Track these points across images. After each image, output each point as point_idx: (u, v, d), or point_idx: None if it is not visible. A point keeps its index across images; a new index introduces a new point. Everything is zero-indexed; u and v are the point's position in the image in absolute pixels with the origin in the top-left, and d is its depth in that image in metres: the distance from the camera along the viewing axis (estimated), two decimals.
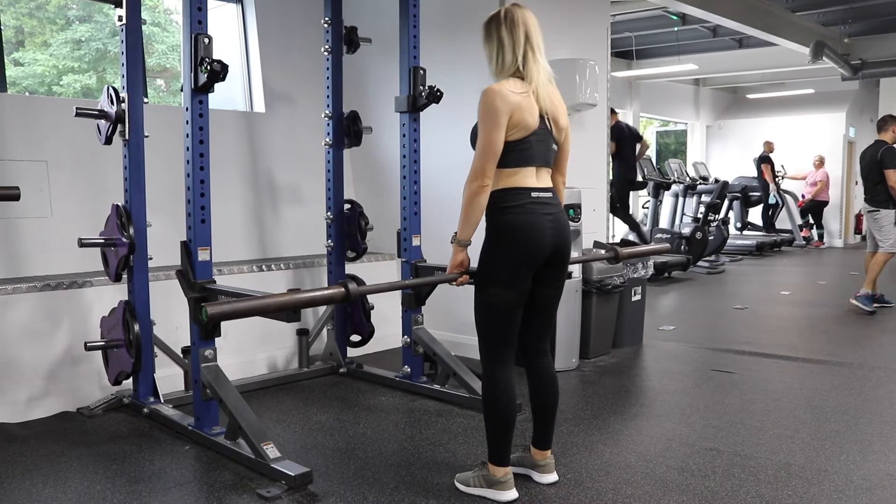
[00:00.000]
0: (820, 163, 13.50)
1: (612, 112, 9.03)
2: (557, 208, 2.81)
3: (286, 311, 2.55)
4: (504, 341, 2.79)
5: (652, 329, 5.90)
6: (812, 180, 13.56)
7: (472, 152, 2.74)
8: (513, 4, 2.84)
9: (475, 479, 2.86)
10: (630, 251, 3.62)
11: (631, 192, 10.09)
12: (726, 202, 11.73)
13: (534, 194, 2.73)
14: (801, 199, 13.74)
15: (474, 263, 2.83)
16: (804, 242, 13.58)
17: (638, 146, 9.55)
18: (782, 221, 13.73)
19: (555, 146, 2.85)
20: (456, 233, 2.79)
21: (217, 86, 3.29)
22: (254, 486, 2.95)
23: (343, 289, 2.53)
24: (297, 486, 2.92)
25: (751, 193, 13.37)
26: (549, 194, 2.79)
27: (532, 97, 2.72)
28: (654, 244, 9.42)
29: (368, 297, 4.73)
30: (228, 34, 5.65)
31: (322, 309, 4.94)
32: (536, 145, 2.75)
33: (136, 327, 3.73)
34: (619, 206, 9.22)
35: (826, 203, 13.70)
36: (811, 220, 13.87)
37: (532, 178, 2.75)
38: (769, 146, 13.40)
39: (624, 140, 9.16)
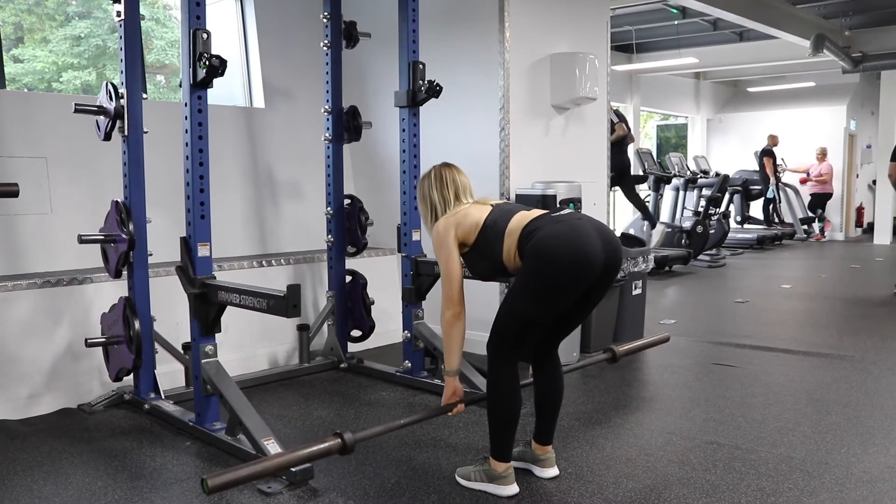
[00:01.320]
0: (822, 155, 13.45)
1: (620, 119, 9.08)
2: (588, 216, 2.81)
3: (285, 470, 2.56)
4: (518, 347, 2.79)
5: (653, 323, 5.90)
6: (816, 172, 13.47)
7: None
8: (443, 165, 3.04)
9: (476, 473, 2.87)
10: (627, 349, 3.53)
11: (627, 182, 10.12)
12: (727, 196, 11.72)
13: (553, 214, 2.77)
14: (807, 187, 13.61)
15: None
16: (805, 236, 13.57)
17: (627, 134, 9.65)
18: (783, 215, 13.72)
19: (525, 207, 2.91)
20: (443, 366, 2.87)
21: (216, 81, 3.28)
22: (255, 482, 2.95)
23: (339, 440, 2.48)
24: (297, 482, 2.92)
25: (751, 187, 13.36)
26: (569, 210, 2.79)
27: (471, 204, 2.91)
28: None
29: (369, 292, 4.75)
30: (227, 29, 5.64)
31: (322, 304, 4.95)
32: (504, 209, 2.85)
33: (137, 323, 3.73)
34: (627, 193, 9.35)
35: (831, 195, 13.65)
36: (821, 213, 13.75)
37: (533, 214, 2.78)
38: (773, 140, 13.37)
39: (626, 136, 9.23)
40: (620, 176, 9.31)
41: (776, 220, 13.53)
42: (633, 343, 3.70)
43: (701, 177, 10.67)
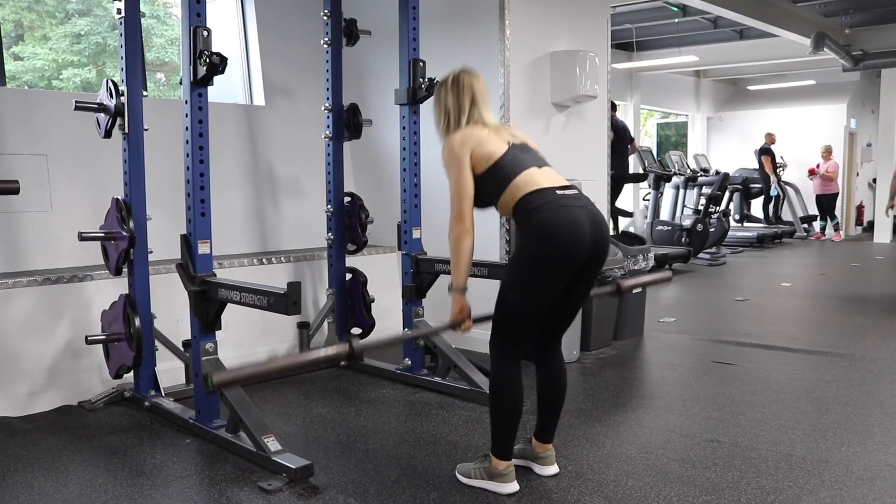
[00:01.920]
0: (828, 153, 13.35)
1: (613, 107, 9.08)
2: (589, 202, 2.76)
3: (291, 373, 2.55)
4: (518, 341, 2.78)
5: (653, 321, 5.90)
6: (824, 170, 13.33)
7: None
8: (461, 71, 2.95)
9: (476, 470, 2.87)
10: (632, 283, 3.52)
11: (623, 186, 10.14)
12: (727, 194, 11.72)
13: (559, 191, 2.69)
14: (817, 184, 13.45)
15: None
16: (805, 234, 13.56)
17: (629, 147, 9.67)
18: (783, 214, 13.71)
19: (538, 153, 2.86)
20: (450, 283, 2.81)
21: (216, 79, 3.28)
22: (255, 479, 2.96)
23: (348, 346, 2.48)
24: (298, 479, 2.92)
25: (751, 185, 13.35)
26: (574, 190, 2.74)
27: (489, 131, 2.80)
28: (653, 242, 9.47)
29: (369, 290, 4.75)
30: (227, 27, 5.63)
31: (323, 301, 4.95)
32: (518, 155, 2.77)
33: (137, 321, 3.73)
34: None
35: (837, 195, 13.60)
36: (836, 223, 13.59)
37: (541, 177, 2.72)
38: (771, 138, 13.35)
39: (618, 135, 9.20)
40: (617, 180, 9.35)
41: (775, 218, 13.51)
42: (637, 279, 3.72)
43: (701, 175, 10.67)
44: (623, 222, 10.17)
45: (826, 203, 13.45)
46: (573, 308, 2.89)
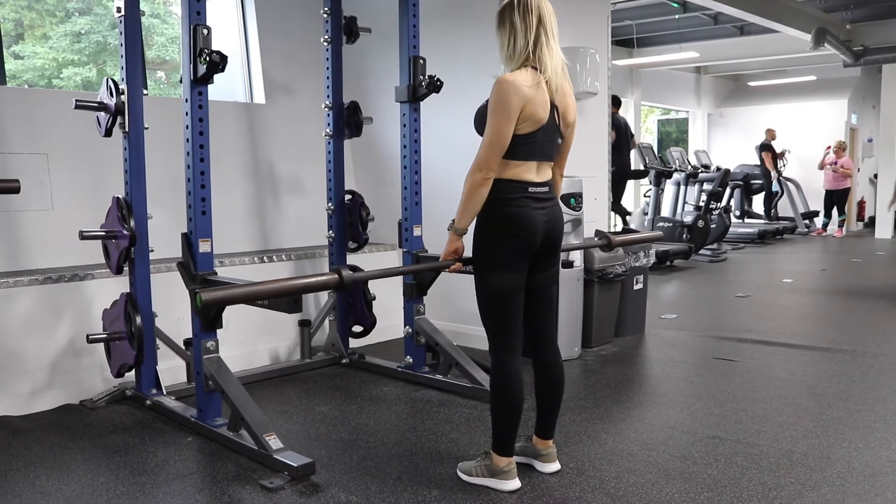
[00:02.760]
0: (841, 149, 13.27)
1: (614, 103, 9.07)
2: (552, 202, 2.83)
3: (279, 297, 2.58)
4: (508, 328, 2.79)
5: (654, 318, 5.90)
6: (839, 165, 13.14)
7: (473, 140, 2.74)
8: None
9: (478, 468, 2.87)
10: (623, 239, 3.62)
11: (625, 183, 10.14)
12: (728, 190, 11.71)
13: (531, 189, 2.74)
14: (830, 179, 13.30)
15: (468, 251, 2.84)
16: (806, 230, 13.55)
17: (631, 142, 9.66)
18: (784, 209, 13.69)
19: (560, 140, 2.88)
20: (453, 220, 2.78)
21: (217, 77, 3.28)
22: (257, 477, 2.96)
23: (336, 275, 2.55)
24: (299, 477, 2.93)
25: (752, 181, 13.34)
26: (546, 189, 2.79)
27: (544, 89, 2.71)
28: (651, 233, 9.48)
29: (370, 287, 4.74)
30: (228, 25, 5.63)
31: (324, 300, 4.95)
32: (543, 140, 2.75)
33: (138, 319, 3.73)
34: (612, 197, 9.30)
35: (849, 189, 13.55)
36: (843, 219, 13.51)
37: (532, 172, 2.75)
38: (771, 134, 13.34)
39: (619, 132, 9.21)
40: (618, 178, 9.35)
41: (774, 214, 13.50)
42: (629, 235, 3.82)
43: (702, 171, 10.68)
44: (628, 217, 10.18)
45: (837, 198, 13.37)
46: (547, 289, 2.91)
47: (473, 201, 2.69)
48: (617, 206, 9.67)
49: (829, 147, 13.41)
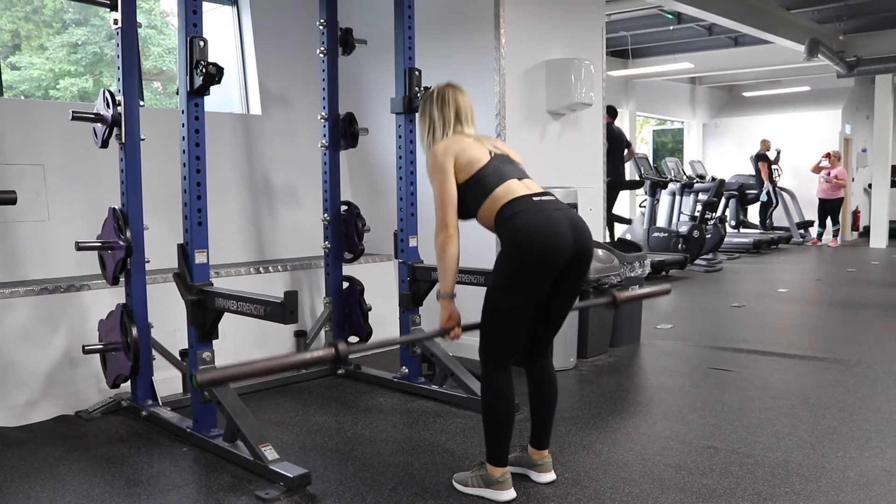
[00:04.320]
0: (837, 158, 13.32)
1: (610, 113, 9.09)
2: (566, 206, 2.81)
3: (277, 373, 2.56)
4: (507, 346, 2.80)
5: (649, 328, 5.91)
6: (833, 175, 13.21)
7: None
8: (446, 85, 3.02)
9: (473, 479, 2.87)
10: (628, 295, 3.49)
11: (618, 193, 10.17)
12: (723, 200, 11.75)
13: (535, 198, 2.74)
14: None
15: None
16: (801, 240, 13.58)
17: (626, 152, 9.66)
18: (779, 219, 13.73)
19: (519, 165, 2.91)
20: (438, 290, 2.85)
21: (213, 88, 3.29)
22: (252, 488, 2.96)
23: (333, 350, 2.49)
24: (295, 488, 2.92)
25: (748, 191, 13.38)
26: (552, 197, 2.78)
27: (472, 139, 2.88)
28: (649, 249, 9.48)
29: (366, 298, 4.75)
30: (224, 37, 5.65)
31: (320, 310, 4.95)
32: (498, 167, 2.82)
33: (134, 330, 3.73)
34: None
35: (843, 199, 13.59)
36: (838, 228, 13.56)
37: (519, 187, 2.77)
38: (766, 144, 13.40)
39: (613, 142, 9.22)
40: (613, 187, 9.38)
41: (770, 224, 13.54)
42: (635, 291, 3.69)
43: (697, 181, 10.70)
44: (619, 229, 10.18)
45: (831, 208, 13.42)
46: (560, 312, 2.91)
47: (446, 262, 2.77)
48: (610, 216, 9.69)
49: (827, 154, 13.42)
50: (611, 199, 9.55)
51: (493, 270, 2.79)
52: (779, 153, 13.75)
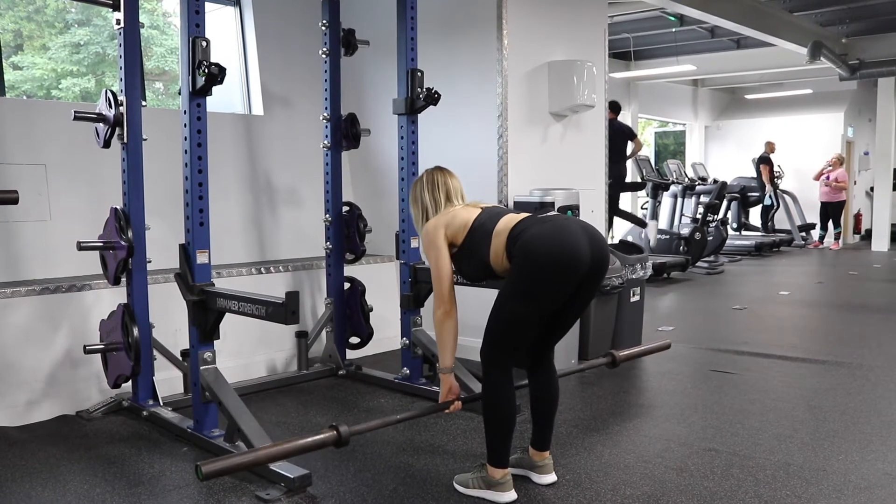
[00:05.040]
0: (839, 161, 13.33)
1: (613, 108, 9.06)
2: (575, 217, 2.84)
3: (278, 460, 2.60)
4: (512, 352, 2.80)
5: (651, 330, 5.90)
6: (834, 178, 13.18)
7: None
8: (435, 168, 3.10)
9: (474, 480, 2.87)
10: (626, 354, 3.51)
11: (620, 193, 10.15)
12: (725, 203, 11.74)
13: (540, 216, 2.80)
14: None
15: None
16: (803, 243, 13.57)
17: (630, 144, 9.56)
18: (781, 222, 13.72)
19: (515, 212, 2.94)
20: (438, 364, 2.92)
21: (215, 88, 3.29)
22: (253, 489, 2.96)
23: (334, 432, 2.51)
24: (296, 489, 2.92)
25: (749, 194, 13.37)
26: (557, 211, 2.81)
27: (460, 206, 2.96)
28: (651, 251, 9.46)
29: (367, 299, 4.75)
30: (226, 37, 5.65)
31: (321, 311, 4.95)
32: (493, 212, 2.88)
33: (136, 330, 3.73)
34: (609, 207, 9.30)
35: (844, 202, 13.59)
36: (839, 231, 13.53)
37: (520, 217, 2.80)
38: (770, 147, 13.38)
39: (615, 141, 9.20)
40: (617, 186, 9.36)
41: (771, 226, 13.53)
42: (633, 349, 3.69)
43: (699, 184, 10.70)
44: (623, 228, 10.19)
45: (832, 211, 13.41)
46: (570, 320, 2.92)
47: (444, 337, 2.84)
48: (616, 212, 9.69)
49: (832, 160, 13.39)
50: (612, 199, 9.53)
51: (507, 280, 2.78)
52: (780, 171, 13.72)
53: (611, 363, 3.33)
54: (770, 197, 13.35)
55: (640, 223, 9.93)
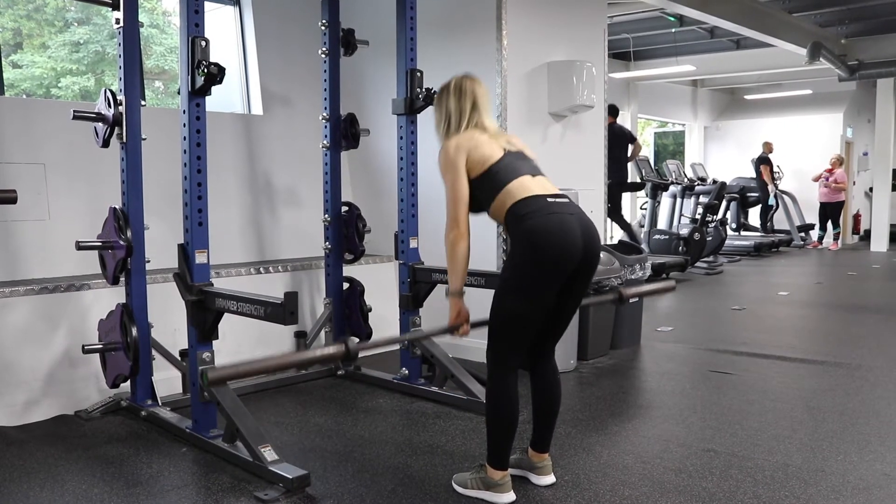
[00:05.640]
0: (839, 161, 13.34)
1: (612, 112, 9.06)
2: (580, 209, 2.79)
3: (286, 370, 2.60)
4: (514, 350, 2.79)
5: (650, 330, 5.90)
6: (833, 179, 13.18)
7: None
8: (463, 76, 2.99)
9: (473, 480, 2.87)
10: (634, 291, 3.50)
11: (622, 194, 10.14)
12: (724, 203, 11.74)
13: (550, 199, 2.71)
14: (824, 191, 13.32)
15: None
16: (801, 243, 13.58)
17: (630, 147, 9.58)
18: (780, 222, 13.72)
19: (533, 162, 2.88)
20: (447, 288, 2.85)
21: (214, 88, 3.29)
22: (251, 489, 2.95)
23: (343, 346, 2.51)
24: (294, 489, 2.92)
25: (749, 194, 13.38)
26: (566, 199, 2.76)
27: (489, 138, 2.83)
28: (650, 251, 9.47)
29: (366, 299, 4.75)
30: (226, 36, 5.65)
31: (320, 311, 4.95)
32: (512, 162, 2.79)
33: (134, 330, 3.73)
34: (610, 208, 9.27)
35: (843, 203, 13.60)
36: (838, 232, 13.54)
37: (534, 184, 2.74)
38: (768, 147, 13.39)
39: (616, 143, 9.22)
40: (618, 187, 9.36)
41: (770, 227, 13.54)
42: (640, 287, 3.70)
43: (698, 184, 10.70)
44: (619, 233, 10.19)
45: (831, 211, 13.42)
46: (567, 314, 2.90)
47: (456, 259, 2.77)
48: (618, 218, 9.69)
49: (832, 161, 13.41)
50: (614, 201, 9.53)
51: (502, 272, 2.78)
52: (780, 171, 13.73)
53: (618, 299, 3.28)
54: (775, 197, 13.36)
55: (631, 235, 9.92)
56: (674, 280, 3.78)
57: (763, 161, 13.23)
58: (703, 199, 10.34)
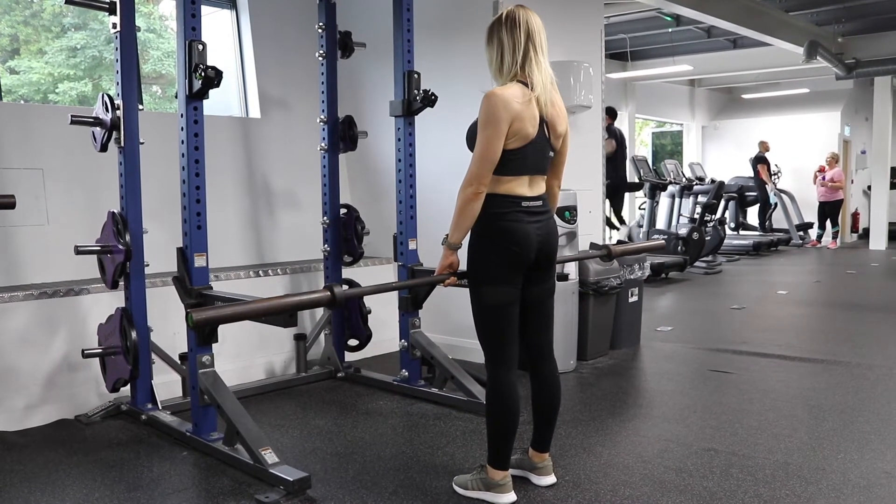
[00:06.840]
0: (834, 160, 13.37)
1: (610, 114, 9.09)
2: (547, 215, 2.84)
3: (271, 314, 2.59)
4: (503, 342, 2.79)
5: (649, 330, 5.91)
6: (829, 178, 13.22)
7: (467, 154, 2.75)
8: (516, 6, 2.82)
9: (473, 481, 2.87)
10: (623, 248, 3.59)
11: (621, 195, 10.18)
12: (722, 202, 11.75)
13: (524, 203, 2.75)
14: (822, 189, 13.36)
15: (463, 265, 2.85)
16: (800, 242, 13.59)
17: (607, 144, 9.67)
18: (779, 221, 13.73)
19: (551, 153, 2.87)
20: (447, 235, 2.81)
21: (212, 92, 3.30)
22: (252, 492, 2.95)
23: (329, 292, 2.56)
24: (295, 491, 2.92)
25: (747, 193, 13.39)
26: (540, 202, 2.80)
27: (533, 103, 2.71)
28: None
29: (366, 301, 4.75)
30: (223, 40, 5.65)
31: (319, 314, 4.95)
32: (532, 155, 2.76)
33: (134, 334, 3.73)
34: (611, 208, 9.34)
35: (842, 201, 13.61)
36: (837, 231, 13.58)
37: (525, 186, 2.76)
38: (764, 146, 13.40)
39: (618, 143, 9.28)
40: (615, 190, 9.37)
41: (769, 226, 13.55)
42: (629, 245, 3.74)
43: (696, 184, 10.71)
44: (623, 229, 10.21)
45: (830, 210, 13.44)
46: (543, 307, 2.91)
47: (466, 216, 2.71)
48: (619, 218, 9.73)
49: (833, 160, 13.43)
50: (614, 201, 9.55)
51: (469, 267, 2.80)
52: (777, 169, 13.75)
53: (606, 255, 3.42)
54: (773, 195, 13.37)
55: (614, 227, 9.99)
56: (663, 241, 3.83)
57: (760, 160, 13.25)
58: (701, 198, 10.35)
